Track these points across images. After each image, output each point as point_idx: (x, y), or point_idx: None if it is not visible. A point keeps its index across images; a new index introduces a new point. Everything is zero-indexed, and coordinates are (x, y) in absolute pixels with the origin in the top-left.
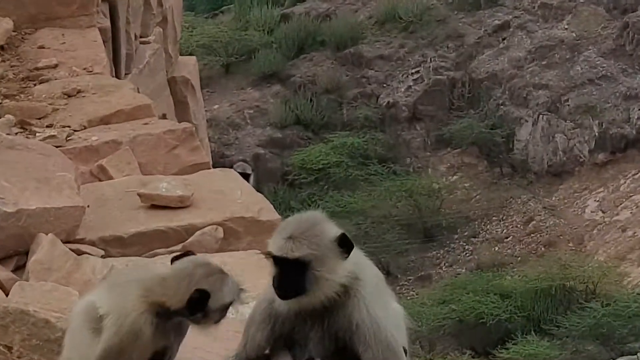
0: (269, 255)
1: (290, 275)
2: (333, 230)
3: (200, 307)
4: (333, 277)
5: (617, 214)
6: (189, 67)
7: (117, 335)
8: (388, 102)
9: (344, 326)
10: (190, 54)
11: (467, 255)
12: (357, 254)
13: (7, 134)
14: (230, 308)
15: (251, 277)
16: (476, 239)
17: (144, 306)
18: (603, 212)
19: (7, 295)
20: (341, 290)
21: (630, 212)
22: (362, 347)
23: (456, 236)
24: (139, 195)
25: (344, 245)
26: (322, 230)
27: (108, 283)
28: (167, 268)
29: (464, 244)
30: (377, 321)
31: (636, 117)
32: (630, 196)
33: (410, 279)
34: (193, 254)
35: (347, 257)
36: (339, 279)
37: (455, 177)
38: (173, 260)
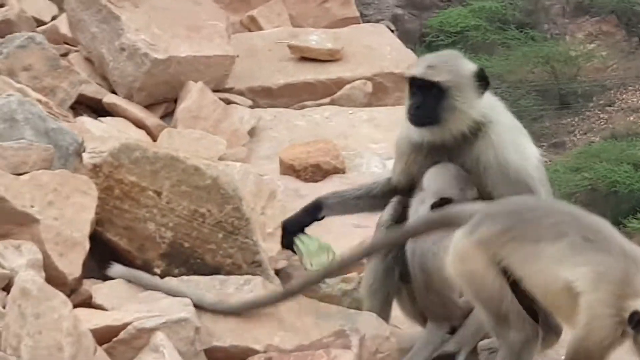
0: (409, 78)
1: (428, 101)
2: (472, 65)
3: None
4: (467, 109)
5: None
6: None
7: (585, 342)
8: None
9: (472, 167)
10: None
11: (602, 123)
12: (492, 98)
13: None
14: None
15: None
16: (611, 108)
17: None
18: None
19: (155, 141)
20: (472, 127)
21: None
22: (490, 186)
23: (591, 104)
24: (289, 47)
25: (481, 80)
26: (462, 63)
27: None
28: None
29: (599, 112)
30: (506, 163)
31: None
32: None
33: (543, 145)
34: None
35: (483, 93)
36: (472, 113)
37: (592, 45)
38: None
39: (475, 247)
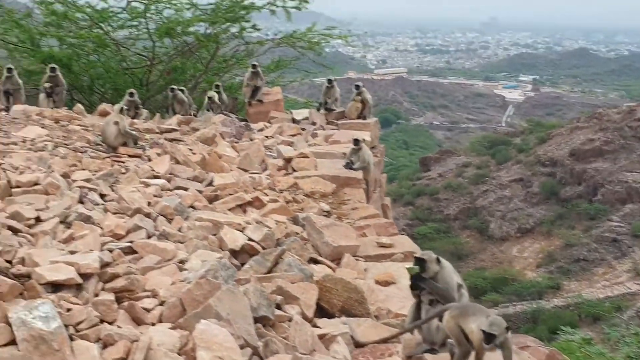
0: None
1: (420, 265)
2: (434, 255)
3: None
4: (434, 268)
5: None
6: None
7: (477, 348)
8: None
9: (437, 281)
10: None
11: None
12: (445, 262)
13: None
14: None
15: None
16: None
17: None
18: None
19: None
20: (437, 271)
21: None
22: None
23: None
24: None
25: (438, 260)
26: (430, 254)
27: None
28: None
29: None
30: (446, 278)
31: None
32: None
33: None
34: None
35: (439, 263)
36: (435, 269)
37: None
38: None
39: (451, 319)
